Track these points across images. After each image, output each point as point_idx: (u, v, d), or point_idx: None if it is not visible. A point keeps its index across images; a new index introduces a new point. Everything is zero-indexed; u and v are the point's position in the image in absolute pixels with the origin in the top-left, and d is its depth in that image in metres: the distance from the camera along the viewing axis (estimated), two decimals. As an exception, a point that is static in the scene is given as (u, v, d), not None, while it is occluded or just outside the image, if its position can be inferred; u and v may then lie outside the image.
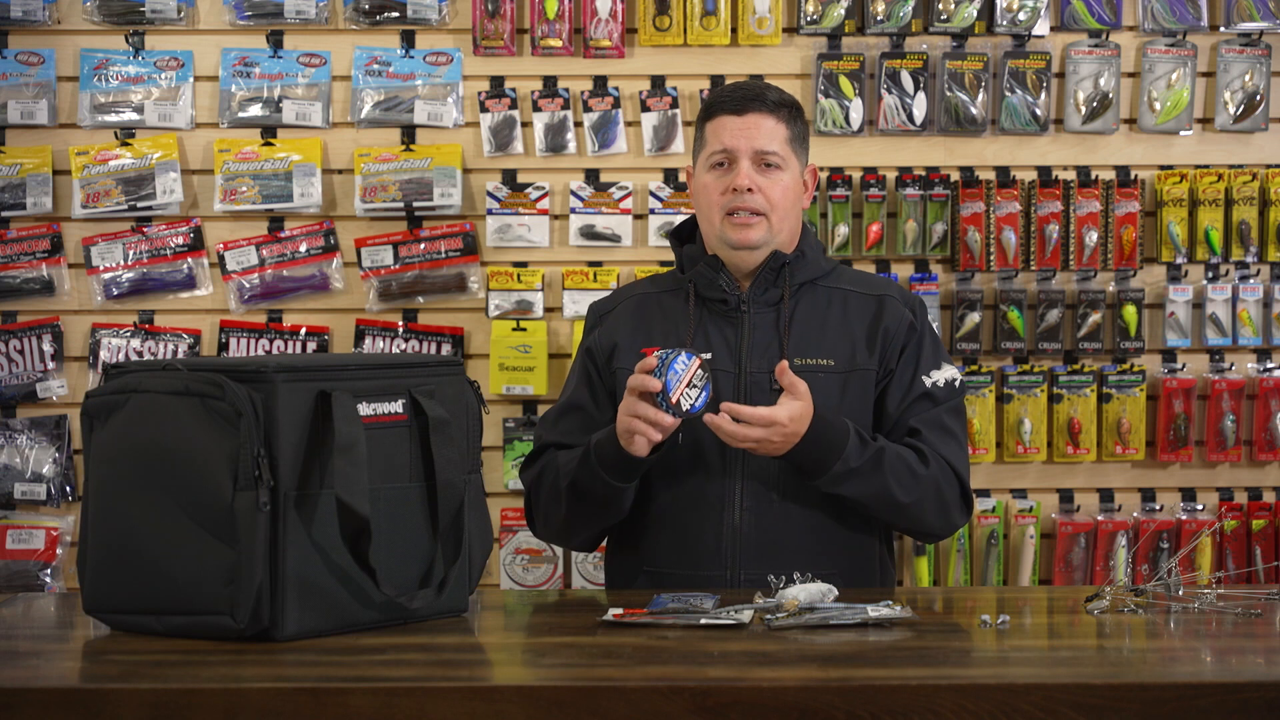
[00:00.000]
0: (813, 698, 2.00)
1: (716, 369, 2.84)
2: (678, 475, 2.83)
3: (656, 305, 2.95)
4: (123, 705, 2.02)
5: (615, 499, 2.79)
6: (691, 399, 2.66)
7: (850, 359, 2.86)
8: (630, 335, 2.92)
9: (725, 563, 2.80)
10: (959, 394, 2.92)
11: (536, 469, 2.91)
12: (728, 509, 2.81)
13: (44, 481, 4.15)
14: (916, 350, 2.90)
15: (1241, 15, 4.19)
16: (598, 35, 4.15)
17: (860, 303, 2.92)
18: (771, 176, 2.85)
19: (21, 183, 4.15)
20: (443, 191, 4.15)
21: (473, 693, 2.03)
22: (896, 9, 4.15)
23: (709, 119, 2.90)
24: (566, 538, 2.96)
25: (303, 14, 4.15)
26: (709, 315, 2.90)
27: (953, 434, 2.88)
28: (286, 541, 2.28)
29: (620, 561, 2.94)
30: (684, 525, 2.83)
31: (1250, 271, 4.22)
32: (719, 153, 2.87)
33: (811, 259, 2.93)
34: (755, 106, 2.86)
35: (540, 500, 2.90)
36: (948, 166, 4.20)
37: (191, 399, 2.30)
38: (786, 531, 2.80)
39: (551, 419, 2.95)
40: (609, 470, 2.75)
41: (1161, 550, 4.15)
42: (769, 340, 2.86)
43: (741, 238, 2.85)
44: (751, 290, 2.88)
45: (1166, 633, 2.36)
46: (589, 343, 2.97)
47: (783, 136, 2.87)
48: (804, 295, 2.91)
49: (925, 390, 2.87)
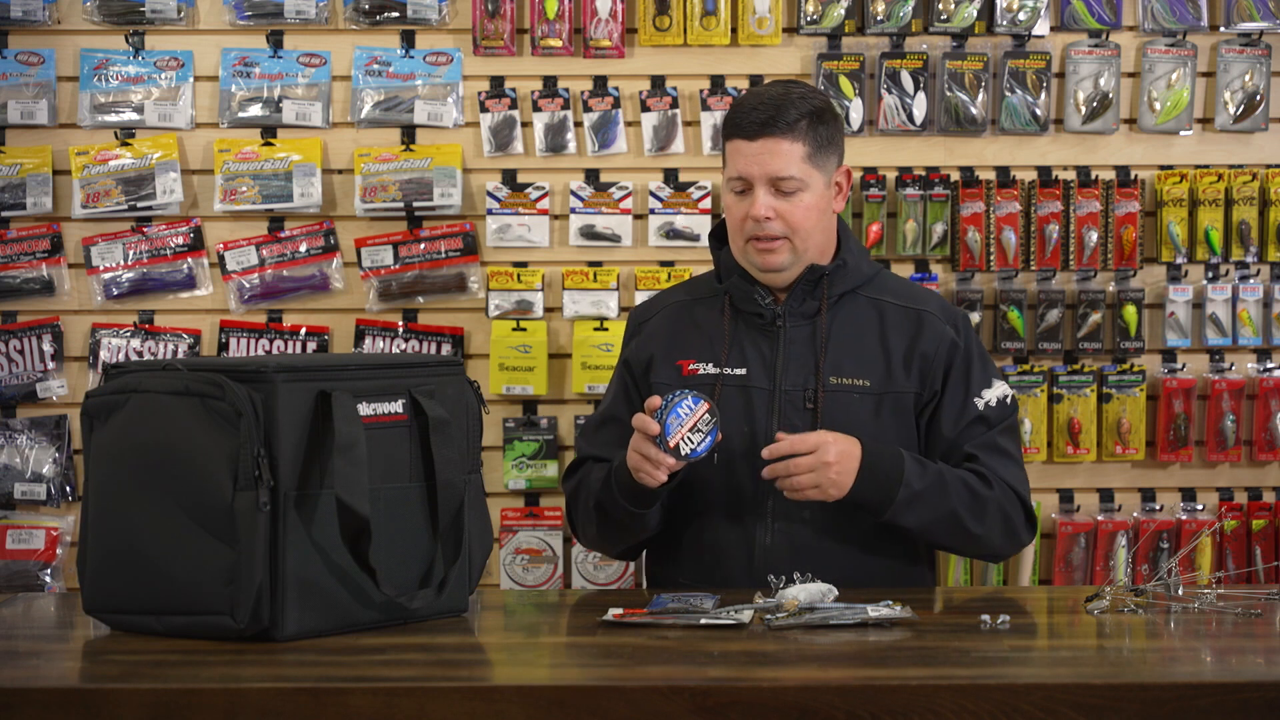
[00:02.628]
0: (813, 698, 2.00)
1: (752, 386, 2.82)
2: (710, 491, 2.82)
3: (691, 316, 2.93)
4: (123, 705, 2.02)
5: (636, 522, 2.79)
6: (693, 444, 2.62)
7: (885, 379, 2.83)
8: (666, 348, 2.90)
9: (756, 581, 2.75)
10: (1011, 411, 2.87)
11: (575, 481, 2.92)
12: (760, 527, 2.81)
13: (44, 481, 4.15)
14: (965, 370, 2.85)
15: (1241, 15, 4.19)
16: (598, 35, 4.15)
17: (899, 316, 2.87)
18: (791, 200, 2.79)
19: (21, 183, 4.15)
20: (443, 191, 4.15)
21: (473, 693, 2.03)
22: (896, 9, 4.15)
23: (728, 139, 2.84)
24: (604, 549, 2.99)
25: (303, 14, 4.15)
26: (744, 328, 2.87)
27: (1009, 455, 2.84)
28: (286, 541, 2.28)
29: (659, 570, 2.95)
30: (716, 541, 2.83)
31: (1250, 271, 4.22)
32: (736, 179, 2.82)
33: (853, 267, 2.87)
34: (768, 131, 2.77)
35: (578, 513, 2.92)
36: (948, 166, 4.20)
37: (191, 399, 2.30)
38: (819, 551, 2.77)
39: (591, 430, 2.96)
40: (626, 497, 2.75)
41: (1161, 550, 4.15)
42: (805, 356, 2.83)
43: (765, 262, 2.82)
44: (788, 303, 2.85)
45: (1166, 633, 2.36)
46: (627, 354, 2.96)
47: (800, 155, 2.79)
48: (843, 306, 2.87)
49: (978, 414, 2.83)
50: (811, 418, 2.80)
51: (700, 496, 2.83)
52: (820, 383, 2.81)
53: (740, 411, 2.81)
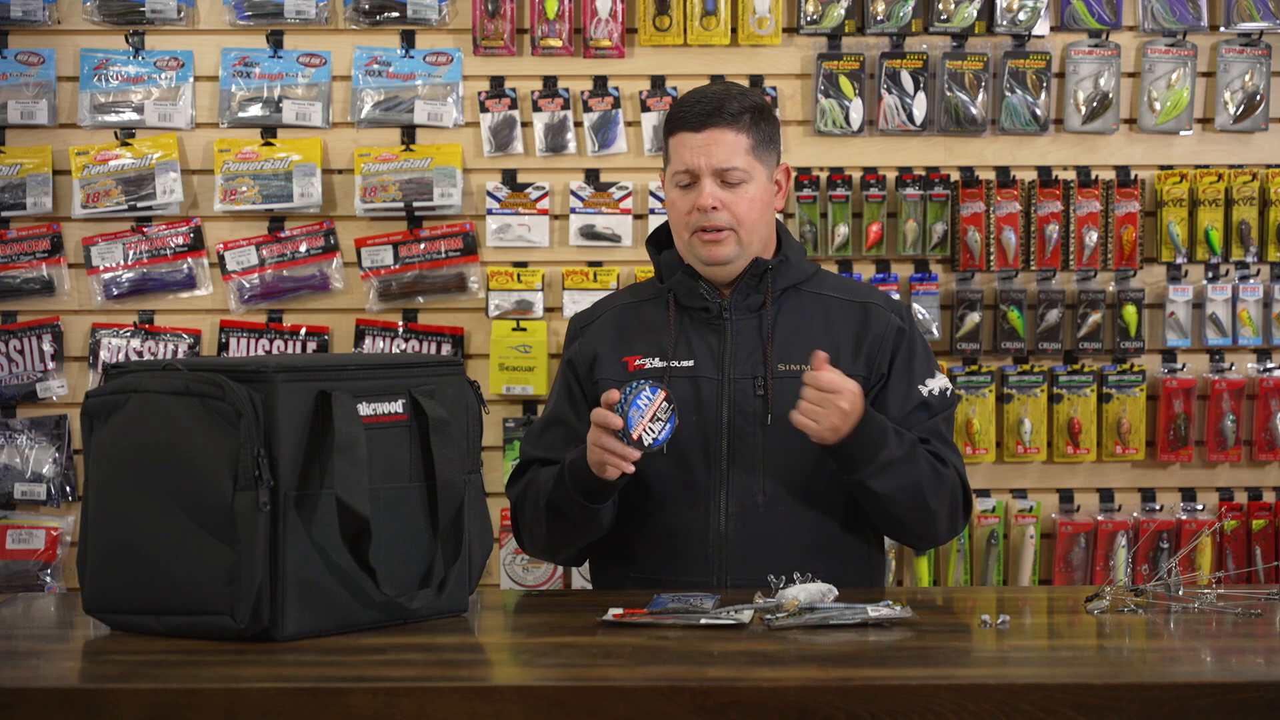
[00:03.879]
0: (813, 698, 2.00)
1: (700, 376, 2.83)
2: (664, 482, 2.82)
3: (637, 315, 2.93)
4: (123, 705, 2.02)
5: (591, 519, 2.78)
6: (654, 432, 2.63)
7: (834, 365, 2.85)
8: (612, 345, 2.90)
9: (712, 568, 2.79)
10: (952, 403, 2.92)
11: (520, 485, 2.90)
12: (714, 515, 2.81)
13: (44, 481, 4.15)
14: (909, 357, 2.88)
15: (1241, 15, 4.19)
16: (598, 35, 4.15)
17: (844, 309, 2.90)
18: (736, 191, 2.82)
19: (21, 183, 4.15)
20: (443, 191, 4.15)
21: (473, 693, 2.03)
22: (896, 9, 4.15)
23: (670, 134, 2.86)
24: (552, 554, 2.96)
25: (303, 14, 4.15)
26: (690, 323, 2.88)
27: (951, 444, 2.89)
28: (286, 541, 2.28)
29: (607, 569, 2.93)
30: (670, 532, 2.82)
31: (1250, 271, 4.22)
32: (681, 172, 2.84)
33: (795, 263, 2.91)
34: (713, 121, 2.81)
35: (524, 517, 2.89)
36: (948, 166, 4.20)
37: (191, 399, 2.30)
38: (773, 536, 2.79)
39: (535, 434, 2.94)
40: (581, 492, 2.73)
41: (1161, 550, 4.15)
42: (752, 346, 2.85)
43: (711, 254, 2.83)
44: (733, 297, 2.86)
45: (1166, 633, 2.36)
46: (570, 354, 2.95)
47: (744, 148, 2.82)
48: (787, 301, 2.89)
49: (923, 399, 2.86)
50: (762, 404, 2.80)
51: (653, 488, 2.82)
52: (769, 370, 2.82)
53: (690, 401, 2.82)
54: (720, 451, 2.81)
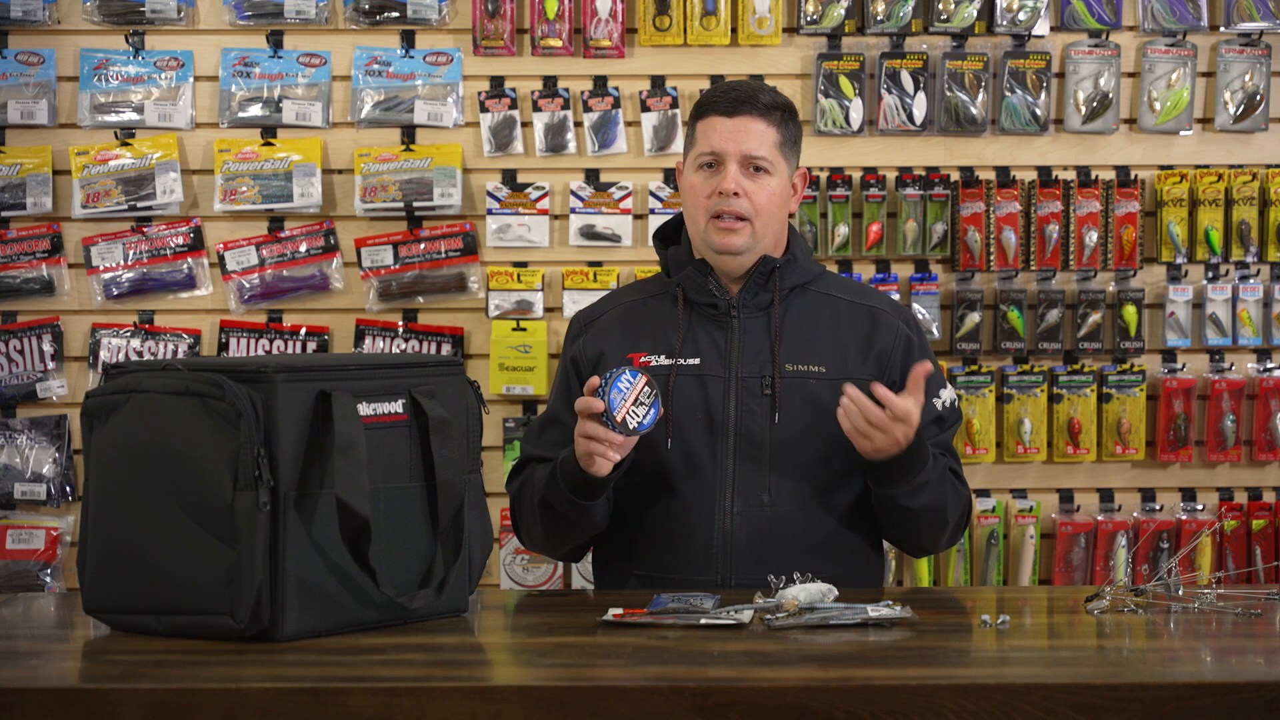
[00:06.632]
0: (813, 698, 2.00)
1: (706, 374, 2.83)
2: (669, 480, 2.82)
3: (644, 311, 2.93)
4: (123, 705, 2.02)
5: (584, 516, 2.78)
6: (639, 416, 2.62)
7: (842, 366, 2.85)
8: (618, 343, 2.90)
9: (716, 567, 2.79)
10: (960, 416, 2.94)
11: (519, 483, 2.91)
12: (718, 513, 2.81)
13: (44, 481, 4.15)
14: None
15: (1241, 15, 4.19)
16: (598, 35, 4.15)
17: (851, 311, 2.91)
18: (759, 181, 2.83)
19: (21, 183, 4.15)
20: (443, 191, 4.15)
21: (473, 693, 2.03)
22: (896, 9, 4.15)
23: (700, 118, 2.88)
24: (550, 550, 2.96)
25: (303, 14, 4.15)
26: (698, 319, 2.88)
27: (957, 455, 2.92)
28: (286, 541, 2.28)
29: (610, 566, 2.93)
30: (675, 530, 2.82)
31: (1250, 271, 4.22)
32: (707, 154, 2.84)
33: (802, 263, 2.91)
34: (747, 109, 2.83)
35: (522, 514, 2.90)
36: (948, 166, 4.20)
37: (191, 399, 2.30)
38: (778, 536, 2.79)
39: (535, 431, 2.94)
40: (573, 490, 2.73)
41: (1161, 550, 4.15)
42: (760, 345, 2.85)
43: (725, 242, 2.83)
44: (741, 294, 2.86)
45: (1166, 633, 2.36)
46: (573, 352, 2.95)
47: (773, 141, 2.84)
48: (794, 300, 2.89)
49: (938, 414, 2.87)
50: (770, 404, 2.80)
51: (658, 485, 2.82)
52: (777, 369, 2.82)
53: (697, 399, 2.82)
54: (727, 450, 2.81)
